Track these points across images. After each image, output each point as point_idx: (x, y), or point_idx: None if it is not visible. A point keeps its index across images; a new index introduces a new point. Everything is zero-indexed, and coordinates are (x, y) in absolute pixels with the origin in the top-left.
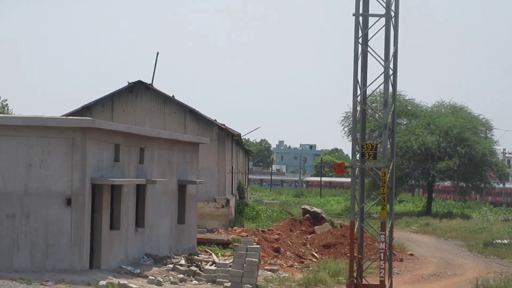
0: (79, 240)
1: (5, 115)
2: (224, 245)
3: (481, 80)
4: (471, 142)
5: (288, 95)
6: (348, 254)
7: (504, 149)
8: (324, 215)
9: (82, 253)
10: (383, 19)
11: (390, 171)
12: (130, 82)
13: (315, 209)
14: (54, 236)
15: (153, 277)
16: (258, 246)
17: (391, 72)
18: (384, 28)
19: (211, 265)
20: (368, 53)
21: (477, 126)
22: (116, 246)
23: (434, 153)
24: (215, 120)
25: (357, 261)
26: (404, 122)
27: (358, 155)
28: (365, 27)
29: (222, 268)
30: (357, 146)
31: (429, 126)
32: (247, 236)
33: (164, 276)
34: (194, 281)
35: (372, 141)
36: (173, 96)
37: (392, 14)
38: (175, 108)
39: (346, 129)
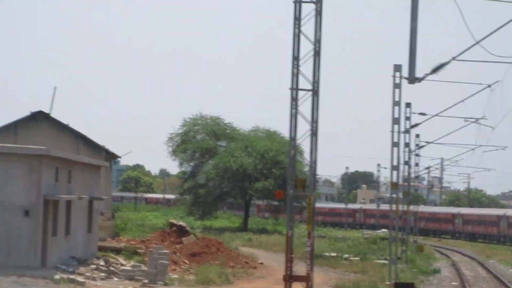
0: (34, 243)
1: None
2: (117, 251)
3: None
4: (285, 165)
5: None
6: (213, 262)
7: None
8: (188, 228)
9: (37, 254)
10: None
11: (313, 197)
12: (32, 111)
13: (180, 223)
14: (15, 240)
15: (88, 274)
16: (167, 252)
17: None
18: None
19: (120, 266)
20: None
21: None
22: (55, 249)
23: (252, 173)
24: (104, 146)
25: (290, 260)
26: (224, 145)
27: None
28: (296, 95)
29: (137, 269)
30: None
31: (247, 148)
32: (135, 244)
33: (91, 274)
34: (115, 278)
35: (195, 161)
36: (68, 124)
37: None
38: (69, 135)
39: (170, 149)
